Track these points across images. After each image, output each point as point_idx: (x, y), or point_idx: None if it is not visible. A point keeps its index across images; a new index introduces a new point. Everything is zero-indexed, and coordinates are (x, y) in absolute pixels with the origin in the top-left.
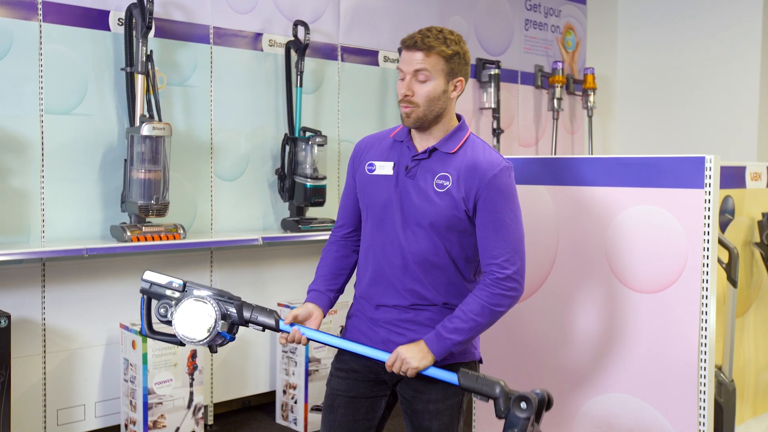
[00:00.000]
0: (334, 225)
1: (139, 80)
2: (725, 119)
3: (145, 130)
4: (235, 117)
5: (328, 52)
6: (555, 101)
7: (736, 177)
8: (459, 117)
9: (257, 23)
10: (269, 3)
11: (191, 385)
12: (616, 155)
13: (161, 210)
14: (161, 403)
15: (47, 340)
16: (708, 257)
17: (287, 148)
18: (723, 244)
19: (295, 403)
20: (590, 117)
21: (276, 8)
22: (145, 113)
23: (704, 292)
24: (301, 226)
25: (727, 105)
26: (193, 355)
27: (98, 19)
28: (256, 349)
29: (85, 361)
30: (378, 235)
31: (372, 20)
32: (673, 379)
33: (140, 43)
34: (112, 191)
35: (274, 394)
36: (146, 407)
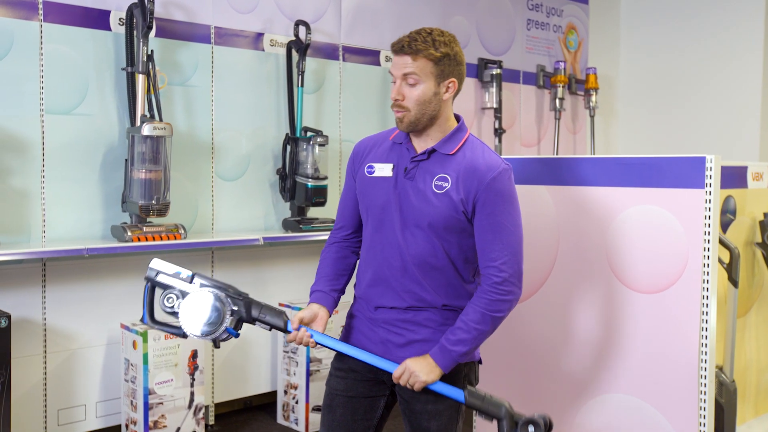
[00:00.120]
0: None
1: (140, 80)
2: (728, 119)
3: (146, 130)
4: (237, 117)
5: (329, 52)
6: (557, 101)
7: (737, 177)
8: (458, 118)
9: (258, 23)
10: (270, 3)
11: (192, 385)
12: (618, 155)
13: (162, 210)
14: (162, 403)
15: (48, 340)
16: (708, 257)
17: (288, 148)
18: (724, 244)
19: (297, 403)
20: (592, 117)
21: (277, 8)
22: (146, 113)
23: (705, 293)
24: (303, 226)
25: (730, 105)
26: (194, 355)
27: (99, 19)
28: (257, 349)
29: (86, 361)
30: (377, 236)
31: (374, 20)
32: (673, 380)
33: (141, 43)
34: (113, 191)
35: (275, 394)
36: (147, 407)
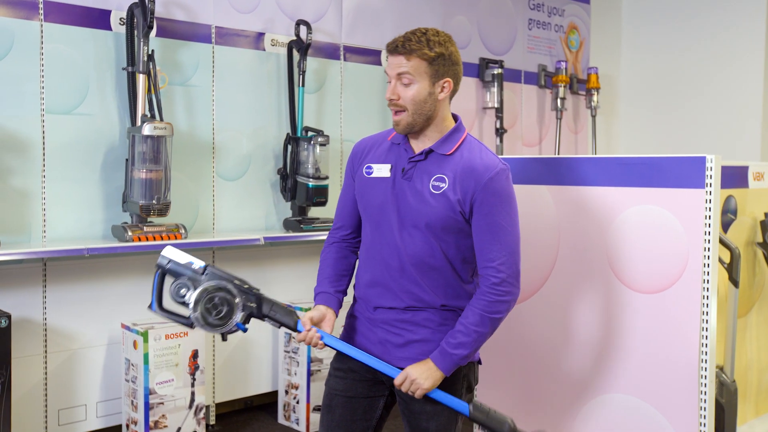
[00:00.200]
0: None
1: (141, 80)
2: (729, 119)
3: (147, 129)
4: (237, 117)
5: (330, 51)
6: (558, 101)
7: (738, 177)
8: (456, 118)
9: (259, 23)
10: (271, 2)
11: (193, 385)
12: (619, 155)
13: (163, 210)
14: (162, 403)
15: (48, 340)
16: (709, 257)
17: (289, 147)
18: (724, 244)
19: (297, 403)
20: (594, 117)
21: (278, 8)
22: (147, 113)
23: (705, 293)
24: (304, 226)
25: (731, 104)
26: (195, 354)
27: (100, 19)
28: (258, 349)
29: (87, 361)
30: (376, 237)
31: (375, 20)
32: (674, 380)
33: (142, 43)
34: (114, 191)
35: (276, 394)
36: (147, 407)
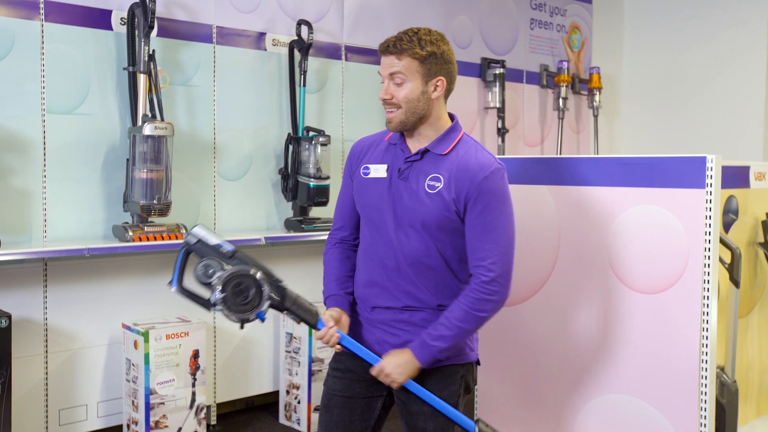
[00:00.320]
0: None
1: (142, 80)
2: (731, 119)
3: (147, 129)
4: (239, 116)
5: (331, 51)
6: (560, 101)
7: (739, 177)
8: (452, 117)
9: (260, 23)
10: (272, 2)
11: (193, 385)
12: (621, 155)
13: (163, 210)
14: (163, 404)
15: (49, 340)
16: (709, 257)
17: (290, 147)
18: (725, 245)
19: (299, 403)
20: (596, 116)
21: (279, 7)
22: (148, 113)
23: (705, 293)
24: (305, 225)
25: (733, 104)
26: (196, 354)
27: (100, 19)
28: (259, 349)
29: (87, 361)
30: (373, 237)
31: (376, 19)
32: (674, 380)
33: (142, 43)
34: (114, 191)
35: (277, 394)
36: (148, 407)
